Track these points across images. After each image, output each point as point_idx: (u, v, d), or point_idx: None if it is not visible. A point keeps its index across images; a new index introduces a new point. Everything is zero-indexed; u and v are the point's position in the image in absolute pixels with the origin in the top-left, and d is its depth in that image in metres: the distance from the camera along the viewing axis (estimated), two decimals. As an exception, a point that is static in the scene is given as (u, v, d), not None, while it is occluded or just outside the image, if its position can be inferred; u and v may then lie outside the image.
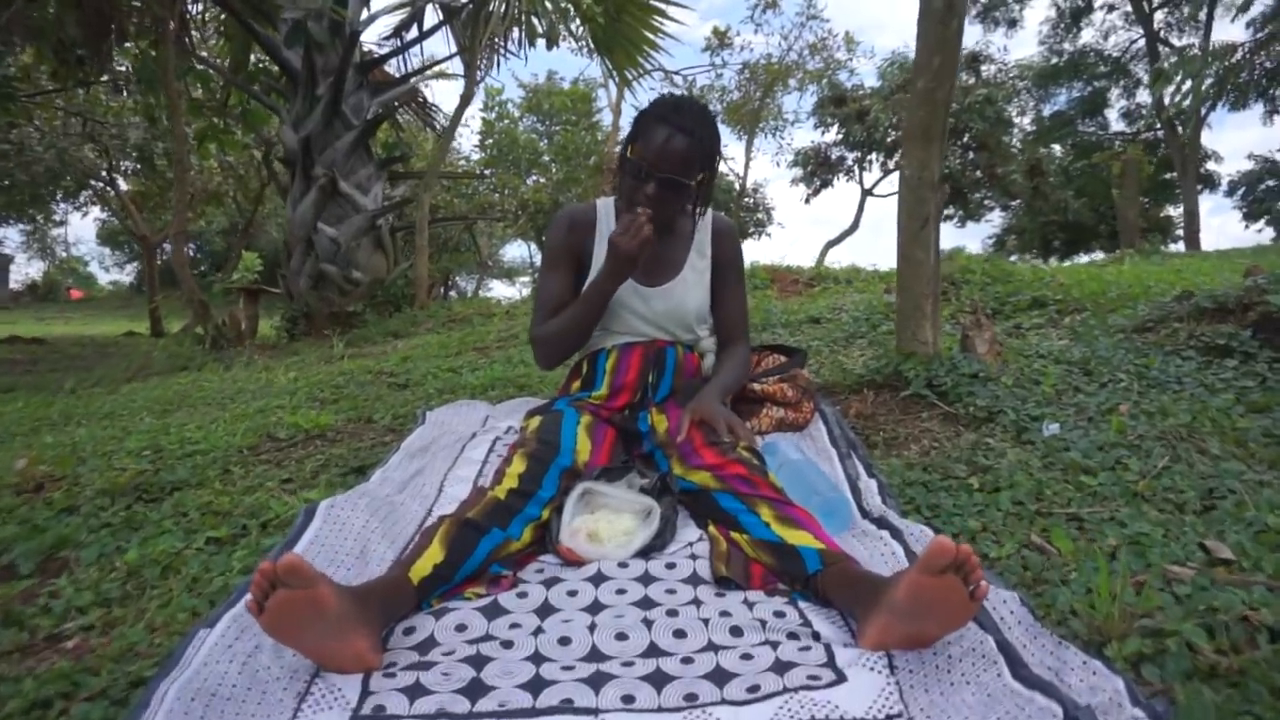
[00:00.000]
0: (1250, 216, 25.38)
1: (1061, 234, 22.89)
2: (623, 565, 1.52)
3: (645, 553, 1.59)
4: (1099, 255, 22.90)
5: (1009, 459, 2.02)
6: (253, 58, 8.52)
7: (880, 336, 3.32)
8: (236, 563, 1.59)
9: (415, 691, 1.12)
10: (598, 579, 1.47)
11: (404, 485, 1.98)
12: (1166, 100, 15.15)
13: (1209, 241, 17.04)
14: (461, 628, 1.32)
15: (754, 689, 1.12)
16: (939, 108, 2.37)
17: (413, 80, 8.51)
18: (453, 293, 23.62)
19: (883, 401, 2.47)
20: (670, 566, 1.53)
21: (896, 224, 2.54)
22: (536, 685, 1.14)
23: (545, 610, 1.37)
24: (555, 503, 1.66)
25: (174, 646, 1.24)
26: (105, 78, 9.25)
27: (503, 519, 1.54)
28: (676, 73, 15.59)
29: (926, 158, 2.42)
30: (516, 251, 26.99)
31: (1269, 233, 25.15)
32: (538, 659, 1.22)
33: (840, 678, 1.13)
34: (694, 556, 1.57)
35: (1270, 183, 24.78)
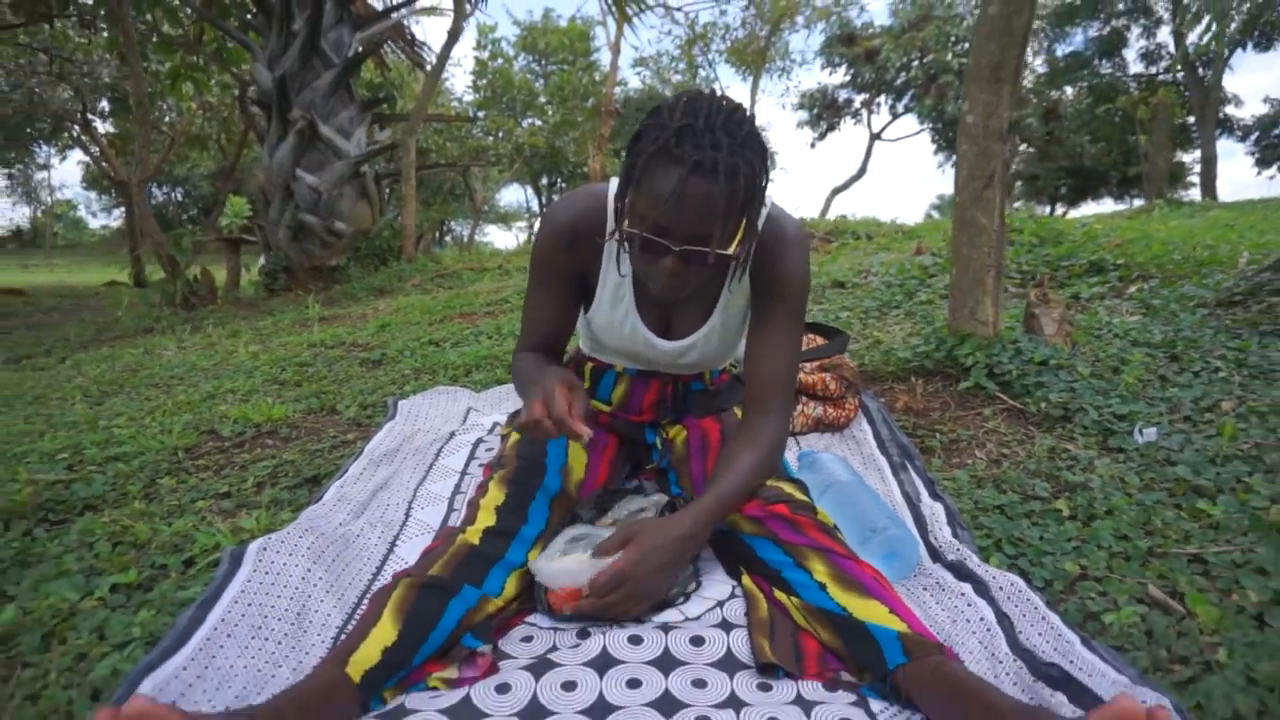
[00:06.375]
0: (1262, 163, 24.68)
1: (1069, 180, 22.22)
2: (634, 641, 1.17)
3: (663, 604, 1.25)
4: (1108, 203, 22.30)
5: (1100, 474, 1.66)
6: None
7: (918, 307, 2.94)
8: (139, 628, 1.24)
9: None
10: (603, 662, 1.12)
11: (363, 507, 1.62)
12: (1191, 40, 14.47)
13: (1221, 189, 16.47)
14: (421, 740, 0.98)
15: None
16: (1015, 40, 1.95)
17: (398, 14, 7.93)
18: (448, 238, 23.09)
19: (934, 393, 2.10)
20: (697, 643, 1.17)
21: (954, 181, 2.14)
22: None
23: (534, 713, 1.02)
24: (544, 540, 1.30)
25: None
26: (71, 12, 8.65)
27: (477, 572, 1.19)
28: (679, 9, 14.87)
29: (995, 101, 2.01)
30: (513, 196, 26.39)
31: (1281, 180, 24.51)
32: (522, 804, 0.88)
33: None
34: (726, 625, 1.22)
35: (1285, 127, 24.04)
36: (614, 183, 1.26)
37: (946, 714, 0.97)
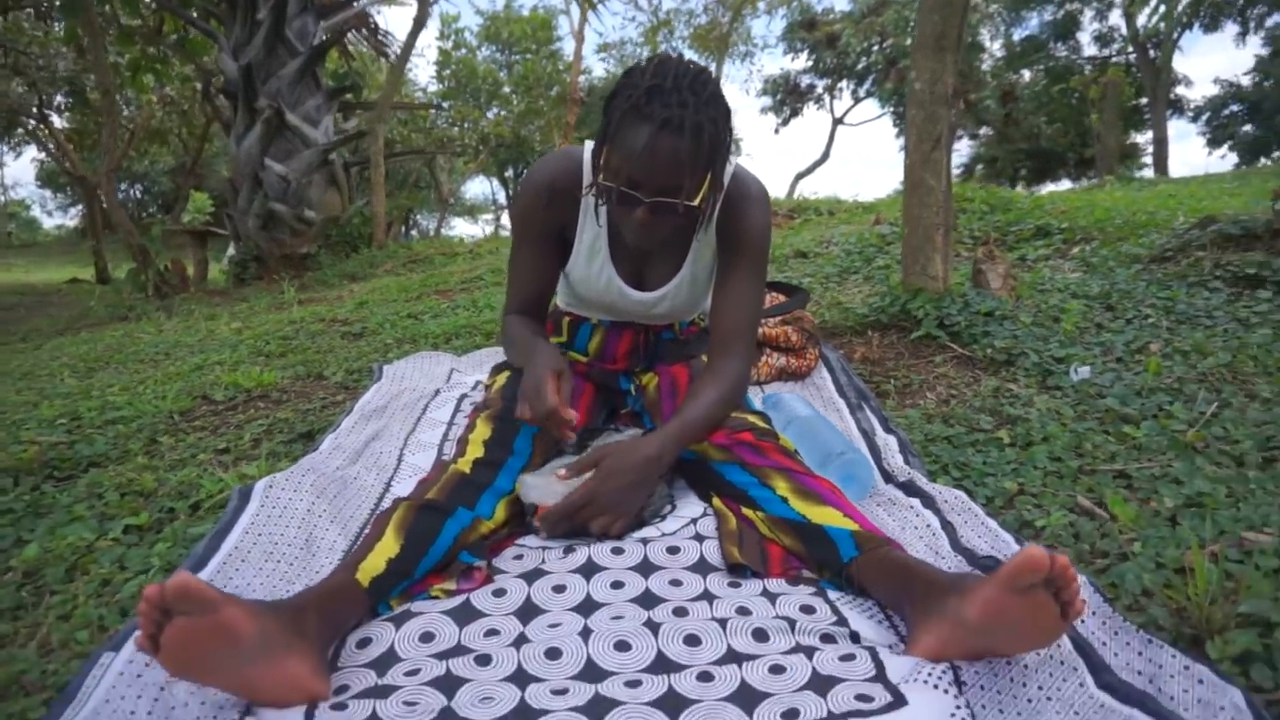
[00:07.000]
0: (1214, 143, 25.25)
1: (1029, 162, 22.64)
2: (617, 551, 1.29)
3: (639, 523, 1.38)
4: (1066, 184, 22.73)
5: (1038, 408, 1.81)
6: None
7: (875, 271, 3.09)
8: (157, 558, 1.34)
9: (371, 732, 0.89)
10: (589, 569, 1.24)
11: (358, 454, 1.72)
12: (1140, 21, 14.86)
13: (1174, 169, 16.92)
14: (427, 637, 1.09)
15: (792, 715, 0.91)
16: (956, 11, 2.10)
17: (361, 3, 7.93)
18: (414, 231, 22.97)
19: (890, 344, 2.25)
20: (673, 551, 1.30)
21: (904, 145, 2.28)
22: (523, 718, 0.92)
23: (528, 612, 1.14)
24: (529, 471, 1.42)
25: (70, 675, 1.01)
26: (25, 3, 8.53)
27: (469, 496, 1.30)
28: (641, -4, 14.94)
29: (939, 69, 2.15)
30: (479, 188, 26.30)
31: (1231, 158, 25.10)
32: (522, 679, 0.99)
33: (898, 699, 0.92)
34: (699, 537, 1.35)
35: (1235, 108, 24.60)
36: (589, 143, 1.38)
37: (893, 594, 1.11)
